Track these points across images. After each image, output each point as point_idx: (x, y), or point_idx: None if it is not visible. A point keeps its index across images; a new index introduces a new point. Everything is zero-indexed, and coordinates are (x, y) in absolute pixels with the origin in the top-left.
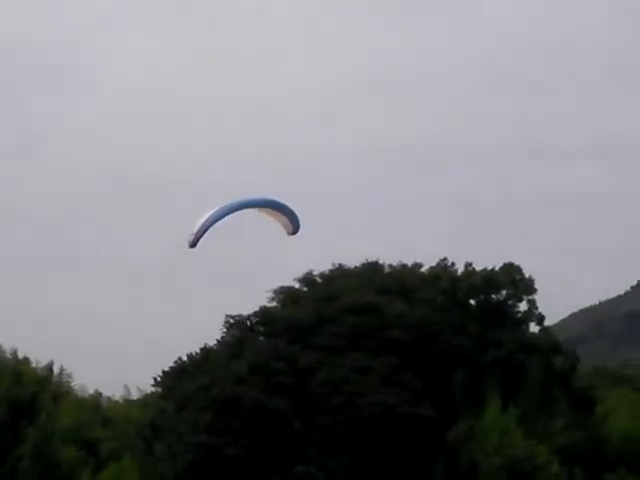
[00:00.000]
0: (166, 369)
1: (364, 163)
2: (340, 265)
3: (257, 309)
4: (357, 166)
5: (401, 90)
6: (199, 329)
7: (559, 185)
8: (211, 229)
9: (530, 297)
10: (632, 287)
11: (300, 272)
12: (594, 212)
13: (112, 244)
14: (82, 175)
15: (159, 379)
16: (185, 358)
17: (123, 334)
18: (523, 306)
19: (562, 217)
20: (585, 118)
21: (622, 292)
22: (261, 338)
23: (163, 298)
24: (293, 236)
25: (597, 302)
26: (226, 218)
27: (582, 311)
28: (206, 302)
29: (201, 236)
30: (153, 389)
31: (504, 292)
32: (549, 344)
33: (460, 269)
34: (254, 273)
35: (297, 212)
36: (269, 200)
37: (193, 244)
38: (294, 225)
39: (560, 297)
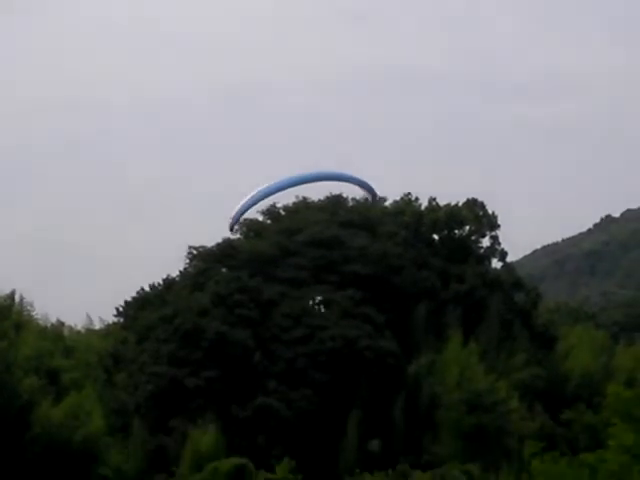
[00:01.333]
0: (128, 299)
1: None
2: (304, 198)
3: (220, 241)
4: (316, 98)
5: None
6: (162, 260)
7: (524, 121)
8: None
9: (493, 233)
10: (594, 225)
11: (264, 205)
12: (558, 148)
13: (77, 166)
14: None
15: (121, 309)
16: (147, 289)
17: (86, 264)
18: (486, 242)
19: (526, 154)
20: None
21: (584, 230)
22: (224, 270)
23: (127, 229)
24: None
25: (559, 239)
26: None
27: (544, 248)
28: (169, 233)
29: (239, 218)
30: (115, 319)
31: (467, 228)
32: (511, 280)
33: (424, 204)
34: (218, 205)
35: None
36: (331, 174)
37: (231, 228)
38: (370, 193)
39: (523, 234)
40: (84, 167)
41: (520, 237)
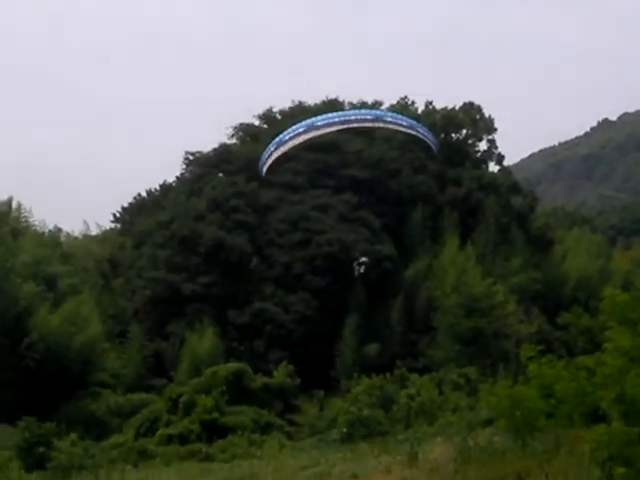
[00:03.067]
0: (125, 205)
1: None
2: (300, 102)
3: (217, 146)
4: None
5: None
6: (158, 166)
7: (521, 26)
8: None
9: (490, 137)
10: (591, 128)
11: (260, 109)
12: (556, 54)
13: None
14: None
15: (118, 215)
16: (144, 194)
17: (83, 170)
18: (483, 145)
19: (524, 58)
20: None
21: (581, 133)
22: (220, 175)
23: (124, 134)
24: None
25: (556, 143)
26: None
27: (541, 152)
28: (165, 139)
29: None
30: (112, 225)
31: (464, 131)
32: (508, 184)
33: (420, 107)
34: (214, 109)
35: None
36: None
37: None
38: (432, 142)
39: (519, 137)
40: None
41: (517, 140)
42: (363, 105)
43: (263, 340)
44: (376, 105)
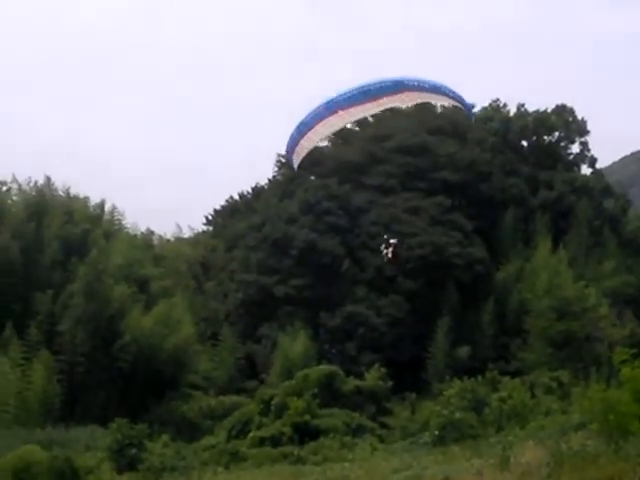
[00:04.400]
0: (218, 208)
1: None
2: (391, 106)
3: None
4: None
5: None
6: (250, 168)
7: (615, 27)
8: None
9: (582, 139)
10: None
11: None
12: None
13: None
14: None
15: (210, 218)
16: (237, 197)
17: (175, 172)
18: (575, 148)
19: (617, 59)
20: None
21: None
22: (312, 177)
23: (215, 137)
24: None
25: None
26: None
27: (634, 154)
28: (257, 141)
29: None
30: (204, 228)
31: (556, 134)
32: (600, 187)
33: (512, 110)
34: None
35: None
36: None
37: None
38: (468, 110)
39: (612, 140)
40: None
41: (610, 142)
42: (454, 108)
43: (355, 343)
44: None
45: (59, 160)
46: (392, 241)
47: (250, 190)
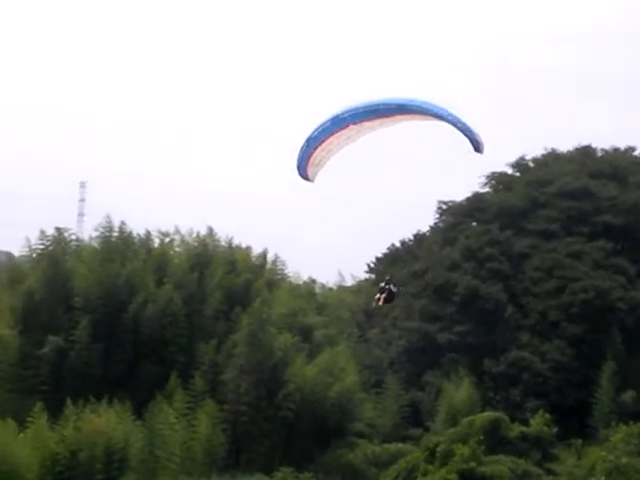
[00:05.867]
0: (379, 256)
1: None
2: (552, 150)
3: (469, 195)
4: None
5: None
6: (411, 216)
7: None
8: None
9: None
10: None
11: (512, 157)
12: None
13: None
14: None
15: (372, 265)
16: (398, 244)
17: (335, 222)
18: None
19: None
20: None
21: None
22: (474, 224)
23: (375, 184)
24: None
25: None
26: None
27: None
28: (418, 188)
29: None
30: (366, 275)
31: None
32: None
33: None
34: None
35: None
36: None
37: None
38: (474, 143)
39: None
40: None
41: None
42: (615, 151)
43: (519, 389)
44: (629, 151)
45: (221, 210)
46: (384, 285)
47: (412, 237)
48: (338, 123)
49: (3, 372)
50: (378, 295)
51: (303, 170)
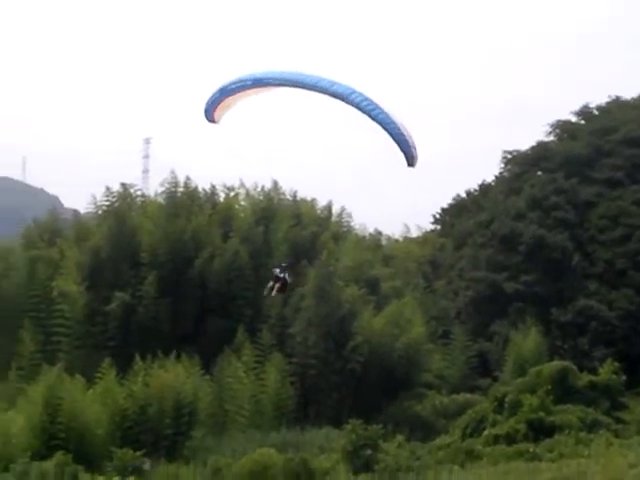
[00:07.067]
0: (445, 206)
1: None
2: (617, 97)
3: (534, 144)
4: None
5: None
6: (477, 166)
7: None
8: None
9: None
10: None
11: (576, 105)
12: None
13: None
14: None
15: (438, 217)
16: (464, 195)
17: (402, 174)
18: None
19: None
20: None
21: None
22: (539, 173)
23: (441, 137)
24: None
25: None
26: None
27: None
28: (483, 139)
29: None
30: (432, 227)
31: None
32: None
33: None
34: (530, 108)
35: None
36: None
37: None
38: (408, 156)
39: None
40: None
41: None
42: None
43: (587, 338)
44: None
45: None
46: (278, 273)
47: (477, 187)
48: (257, 85)
49: (71, 329)
50: (272, 283)
51: (207, 112)
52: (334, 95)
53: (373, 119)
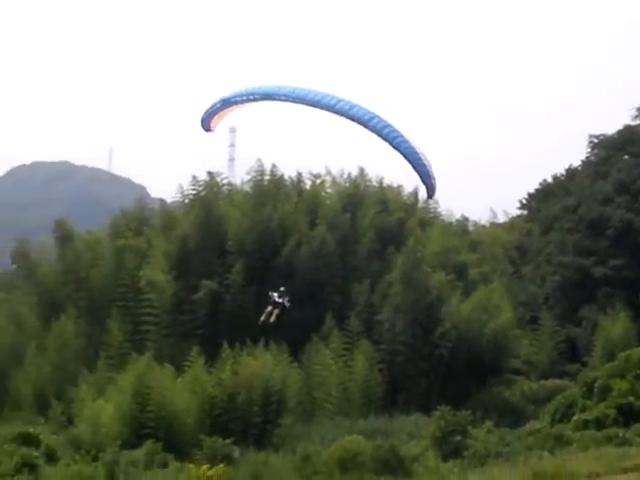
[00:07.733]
0: (531, 191)
1: None
2: None
3: (621, 128)
4: None
5: None
6: (564, 151)
7: None
8: None
9: None
10: None
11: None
12: None
13: None
14: None
15: (525, 202)
16: (550, 180)
17: (491, 161)
18: None
19: None
20: None
21: None
22: (626, 157)
23: (526, 122)
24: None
25: None
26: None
27: None
28: (570, 123)
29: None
30: (519, 212)
31: None
32: None
33: None
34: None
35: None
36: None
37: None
38: (428, 188)
39: None
40: None
41: None
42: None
43: None
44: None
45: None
46: (276, 298)
47: (564, 172)
48: (266, 98)
49: (159, 318)
50: (270, 308)
51: (206, 124)
52: (352, 119)
53: (395, 148)
